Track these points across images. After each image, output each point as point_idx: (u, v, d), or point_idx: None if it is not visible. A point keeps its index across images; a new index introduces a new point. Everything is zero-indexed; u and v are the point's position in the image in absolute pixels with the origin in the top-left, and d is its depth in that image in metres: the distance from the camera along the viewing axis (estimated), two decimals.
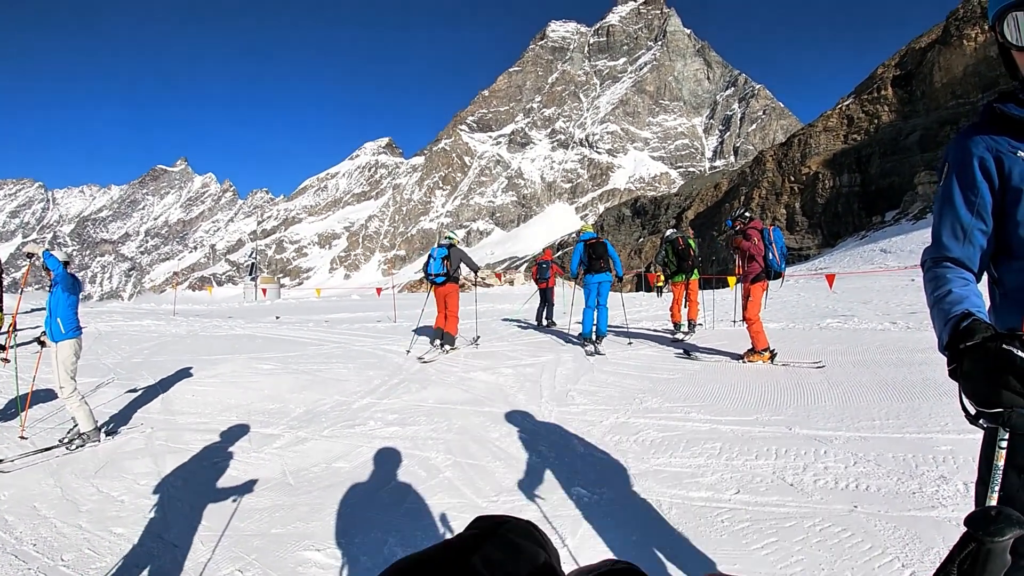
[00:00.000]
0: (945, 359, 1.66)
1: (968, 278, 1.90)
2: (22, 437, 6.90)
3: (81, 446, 6.61)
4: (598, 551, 4.01)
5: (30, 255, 7.12)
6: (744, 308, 9.84)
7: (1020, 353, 1.45)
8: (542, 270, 17.26)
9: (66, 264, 7.21)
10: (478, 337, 13.47)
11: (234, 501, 5.21)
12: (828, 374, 8.10)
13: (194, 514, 4.98)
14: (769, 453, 5.38)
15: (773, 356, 9.38)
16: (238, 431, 7.27)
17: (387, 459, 6.00)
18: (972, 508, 1.96)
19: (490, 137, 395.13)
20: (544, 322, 16.10)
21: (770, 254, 9.64)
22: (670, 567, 3.69)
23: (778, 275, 9.80)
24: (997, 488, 1.64)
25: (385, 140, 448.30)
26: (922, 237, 34.59)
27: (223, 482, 5.67)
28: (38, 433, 7.31)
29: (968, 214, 1.92)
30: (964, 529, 1.21)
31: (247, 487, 5.51)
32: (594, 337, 11.71)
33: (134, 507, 5.20)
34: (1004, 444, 1.63)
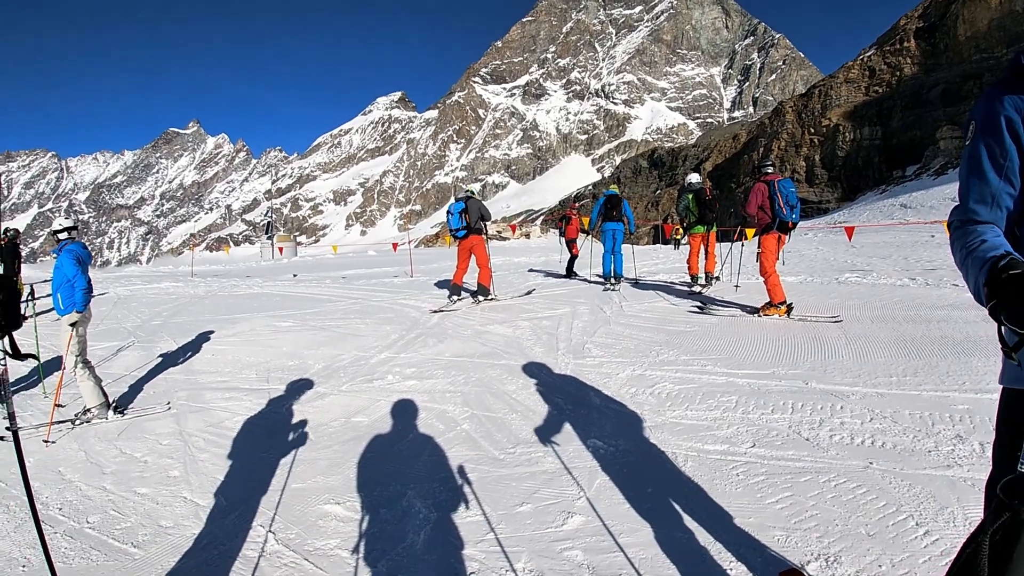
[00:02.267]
0: (982, 311, 1.62)
1: (999, 232, 1.84)
2: (58, 404, 6.94)
3: (87, 422, 6.57)
4: (614, 501, 4.06)
5: (54, 232, 7.11)
6: (758, 262, 9.80)
7: None
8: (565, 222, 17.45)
9: (73, 229, 7.15)
10: (532, 290, 13.69)
11: (254, 457, 5.30)
12: (845, 329, 8.06)
13: (216, 471, 5.08)
14: (785, 407, 5.39)
15: (790, 310, 9.35)
16: (257, 389, 7.38)
17: (405, 413, 6.08)
18: (989, 470, 1.93)
19: (504, 89, 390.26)
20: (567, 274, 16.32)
21: (776, 204, 9.47)
22: (686, 518, 3.74)
23: (788, 226, 9.58)
24: None
25: (398, 94, 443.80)
26: (943, 192, 34.12)
27: (243, 439, 5.78)
28: (67, 403, 7.37)
29: (996, 177, 1.85)
30: (993, 495, 1.13)
31: (267, 443, 5.61)
32: (612, 277, 13.74)
33: (157, 467, 5.30)
34: None
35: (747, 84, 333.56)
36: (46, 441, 6.07)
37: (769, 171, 9.96)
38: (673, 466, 4.49)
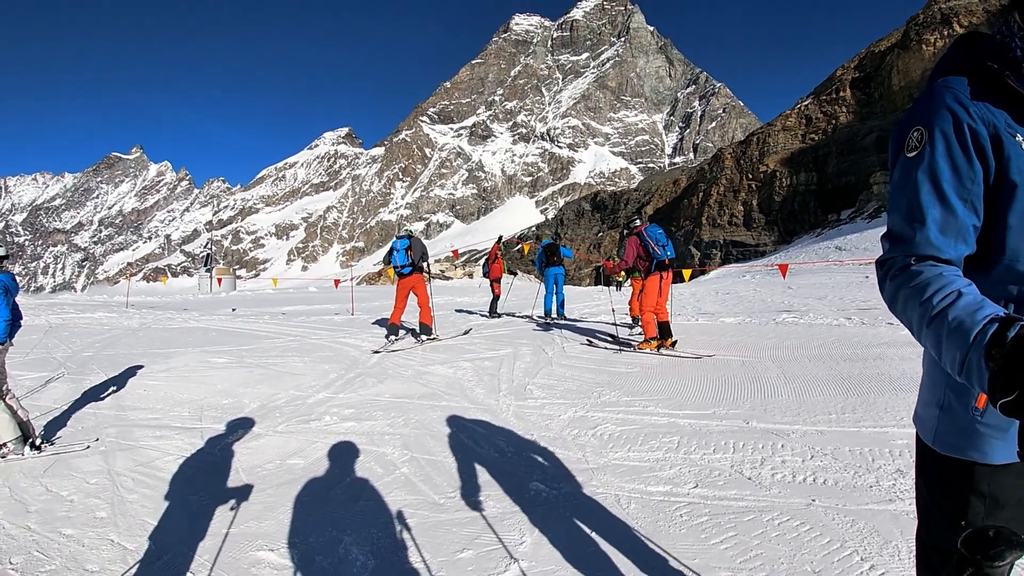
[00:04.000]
0: (957, 372, 1.25)
1: (968, 280, 1.42)
2: None
3: (2, 457, 6.20)
4: (557, 545, 3.98)
5: None
6: (639, 302, 10.79)
7: None
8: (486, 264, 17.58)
9: (4, 258, 6.81)
10: (470, 330, 13.69)
11: (186, 500, 5.08)
12: (784, 368, 8.16)
13: (145, 514, 4.84)
14: (727, 447, 5.39)
15: (660, 345, 10.18)
16: (190, 427, 7.11)
17: (343, 455, 5.91)
18: None
19: (451, 129, 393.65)
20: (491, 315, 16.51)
21: (650, 248, 10.43)
22: (629, 562, 3.67)
23: (665, 263, 10.52)
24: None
25: (345, 130, 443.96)
26: (876, 235, 35.19)
27: (174, 480, 5.53)
28: None
29: (961, 204, 1.49)
30: (925, 552, 1.06)
31: (199, 485, 5.38)
32: (554, 313, 15.31)
33: (83, 507, 5.03)
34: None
35: (688, 131, 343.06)
36: None
37: (637, 223, 10.94)
38: (616, 508, 4.43)
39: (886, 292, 1.59)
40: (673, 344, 10.21)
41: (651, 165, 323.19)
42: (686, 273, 18.62)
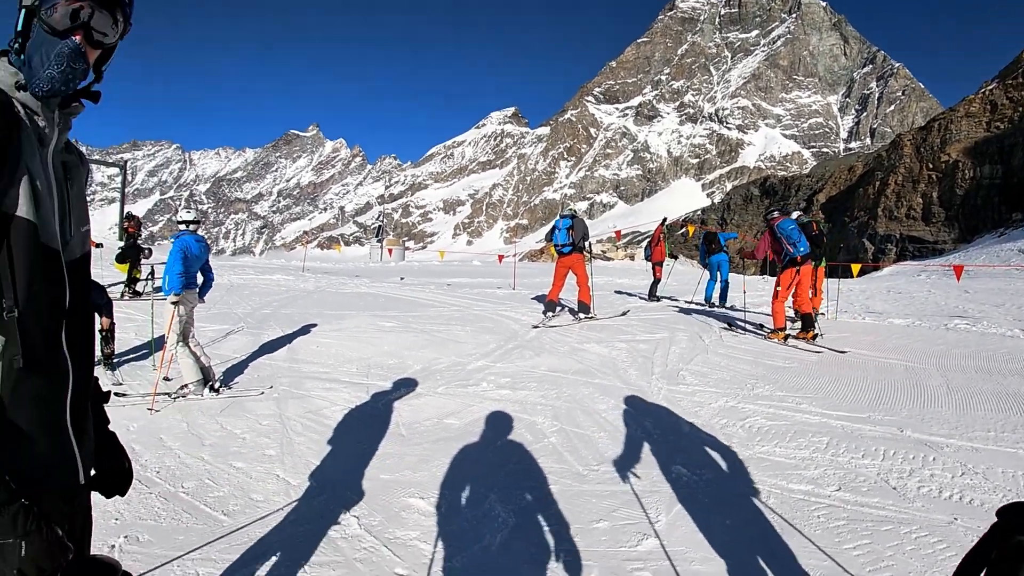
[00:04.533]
0: None
1: None
2: (166, 378, 7.50)
3: (183, 396, 6.99)
4: (691, 529, 4.10)
5: (182, 221, 7.66)
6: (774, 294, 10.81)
7: None
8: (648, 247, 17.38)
9: (193, 223, 7.63)
10: (627, 311, 13.71)
11: (348, 446, 5.61)
12: (949, 378, 7.76)
13: (310, 455, 5.40)
14: (876, 453, 5.29)
15: (786, 338, 10.42)
16: (357, 383, 7.73)
17: (496, 420, 6.27)
18: None
19: (616, 109, 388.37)
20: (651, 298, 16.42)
21: (783, 245, 10.66)
22: (760, 555, 3.75)
23: (796, 260, 10.58)
24: None
25: (511, 110, 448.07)
26: None
27: (339, 428, 6.09)
28: (173, 377, 7.86)
29: None
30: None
31: (361, 434, 5.90)
32: (715, 300, 15.48)
33: (254, 444, 5.67)
34: None
35: (864, 114, 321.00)
36: (151, 409, 6.55)
37: (774, 215, 10.98)
38: (755, 501, 4.49)
39: None
40: (814, 337, 10.30)
41: (825, 150, 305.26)
42: (855, 268, 17.80)
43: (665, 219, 18.61)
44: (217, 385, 7.31)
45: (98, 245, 15.22)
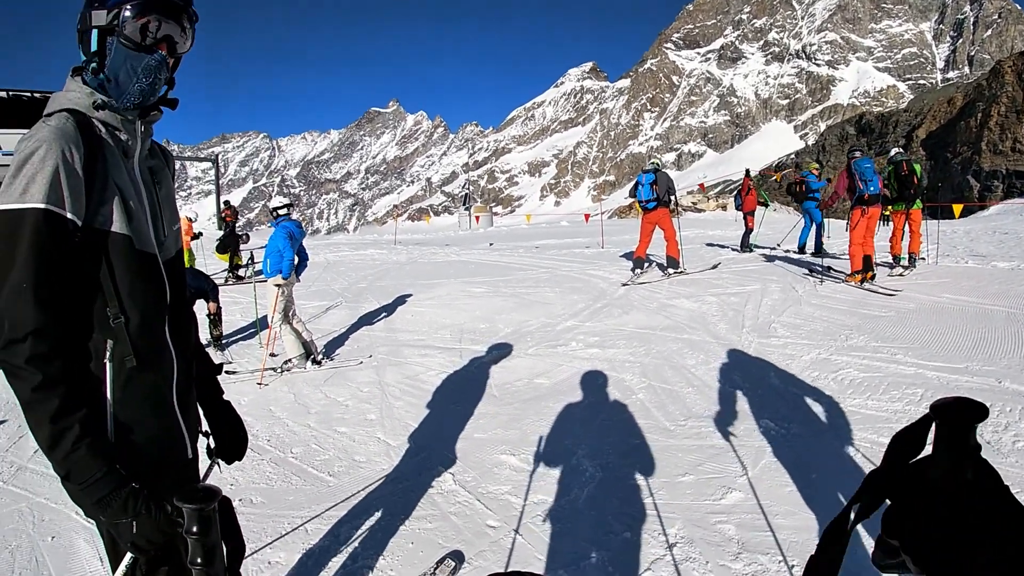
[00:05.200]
0: None
1: None
2: (272, 354, 7.87)
3: (288, 370, 7.38)
4: (776, 483, 4.09)
5: (272, 208, 8.05)
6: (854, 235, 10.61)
7: None
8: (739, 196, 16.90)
9: (288, 207, 8.06)
10: (718, 264, 13.47)
11: (443, 408, 5.79)
12: None
13: (408, 418, 5.63)
14: None
15: (863, 280, 10.21)
16: (450, 348, 7.93)
17: (585, 378, 6.32)
18: None
19: (698, 54, 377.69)
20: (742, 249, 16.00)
21: (855, 182, 10.55)
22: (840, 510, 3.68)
23: (864, 199, 10.45)
24: None
25: (589, 65, 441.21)
26: None
27: (435, 392, 6.29)
28: (279, 353, 8.28)
29: None
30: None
31: (455, 396, 6.08)
32: (810, 247, 14.81)
33: (356, 410, 5.93)
34: None
35: (960, 41, 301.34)
36: (259, 384, 6.94)
37: (856, 155, 10.91)
38: (843, 456, 4.41)
39: None
40: (872, 278, 10.27)
41: (922, 81, 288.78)
42: (956, 209, 16.97)
43: (748, 171, 17.99)
44: (320, 357, 7.67)
45: (197, 235, 15.85)
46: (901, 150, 12.53)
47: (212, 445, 2.11)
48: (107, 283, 1.61)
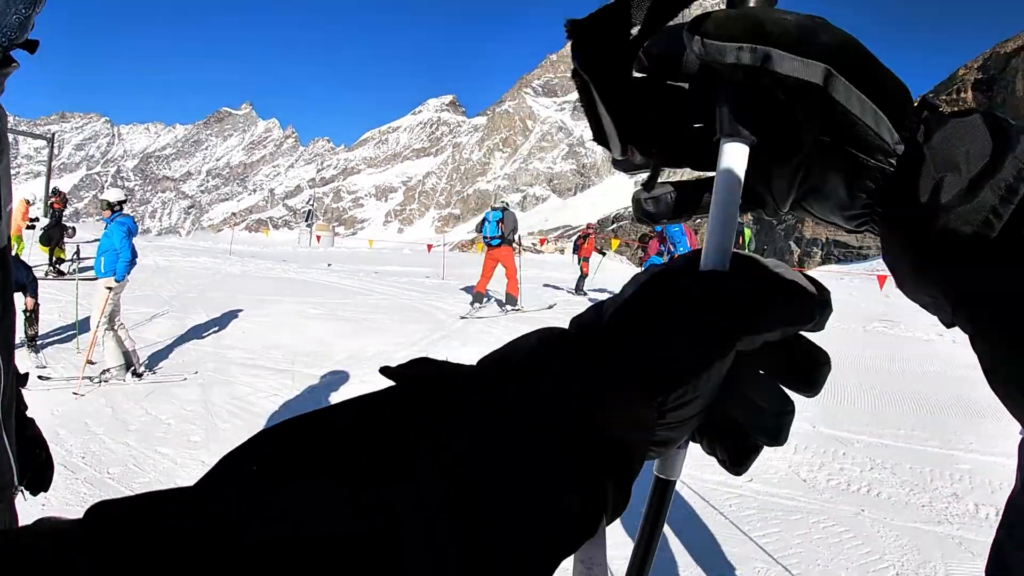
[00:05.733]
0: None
1: None
2: (90, 362, 7.25)
3: (105, 381, 6.87)
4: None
5: (108, 202, 7.45)
6: None
7: None
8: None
9: (122, 203, 7.52)
10: (554, 304, 13.92)
11: None
12: (863, 378, 8.09)
13: (236, 441, 5.21)
14: (789, 448, 5.46)
15: None
16: (283, 370, 7.63)
17: None
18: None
19: (555, 103, 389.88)
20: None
21: (667, 247, 12.19)
22: (671, 541, 3.85)
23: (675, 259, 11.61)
24: None
25: (449, 97, 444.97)
26: None
27: (264, 415, 6.03)
28: (98, 360, 7.70)
29: None
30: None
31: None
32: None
33: (179, 431, 5.58)
34: None
35: None
36: (76, 393, 6.39)
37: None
38: (680, 502, 4.58)
39: None
40: None
41: None
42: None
43: (590, 224, 18.86)
44: (141, 370, 7.18)
45: (33, 222, 14.49)
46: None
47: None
48: None
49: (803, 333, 0.44)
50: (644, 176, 0.53)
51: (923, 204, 0.42)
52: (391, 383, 0.38)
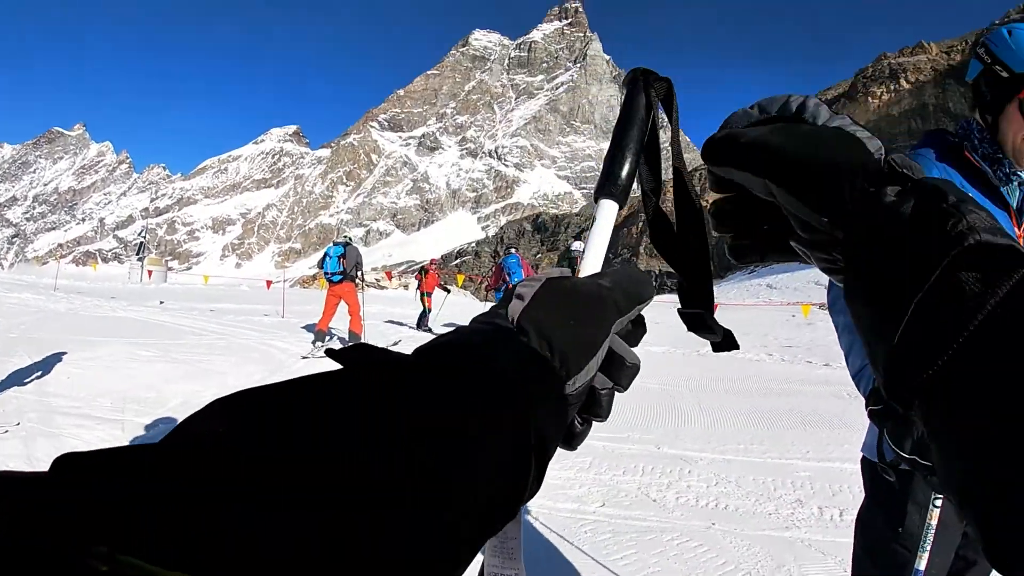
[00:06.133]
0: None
1: None
2: None
3: None
4: None
5: None
6: None
7: None
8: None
9: None
10: (399, 341, 13.72)
11: None
12: (700, 398, 8.46)
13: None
14: (636, 470, 5.60)
15: None
16: (112, 419, 7.06)
17: None
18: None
19: (400, 137, 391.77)
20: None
21: (503, 276, 12.82)
22: (528, 572, 3.79)
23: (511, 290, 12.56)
24: (929, 547, 1.70)
25: (293, 128, 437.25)
26: (806, 276, 36.39)
27: None
28: None
29: None
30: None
31: None
32: None
33: None
34: (939, 503, 1.69)
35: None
36: None
37: (510, 250, 12.97)
38: (523, 523, 4.53)
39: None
40: None
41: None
42: None
43: (433, 260, 18.86)
44: None
45: None
46: (581, 245, 13.81)
47: None
48: None
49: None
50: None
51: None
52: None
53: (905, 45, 66.26)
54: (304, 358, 11.14)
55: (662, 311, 21.77)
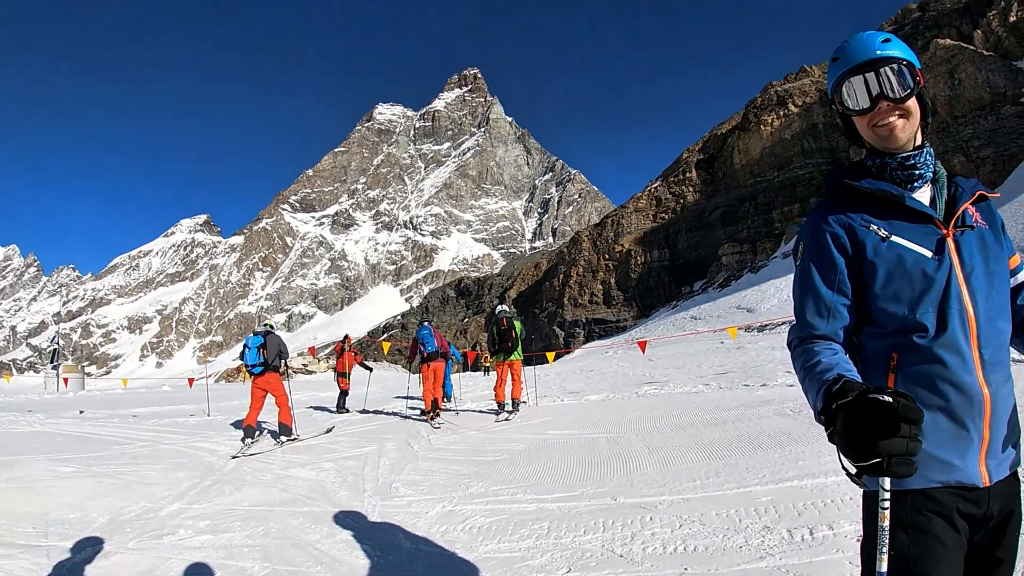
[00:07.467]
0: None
1: (836, 349, 1.95)
2: None
3: None
4: None
5: None
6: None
7: (885, 399, 1.51)
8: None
9: None
10: (332, 428, 13.18)
11: None
12: (648, 440, 8.38)
13: None
14: (596, 527, 5.42)
15: (433, 417, 12.70)
16: (35, 545, 6.51)
17: (198, 574, 5.53)
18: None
19: (313, 217, 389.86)
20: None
21: (419, 347, 13.60)
22: None
23: (426, 357, 13.47)
24: (886, 548, 1.68)
25: (203, 217, 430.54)
26: (728, 302, 37.31)
27: None
28: None
29: (829, 291, 1.99)
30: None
31: None
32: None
33: None
34: (886, 504, 1.67)
35: (546, 216, 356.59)
36: None
37: (423, 322, 13.97)
38: None
39: (794, 367, 2.05)
40: (432, 418, 12.70)
41: (512, 250, 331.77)
42: (550, 356, 19.06)
43: (346, 336, 18.46)
44: None
45: None
46: (505, 307, 13.75)
47: None
48: None
49: None
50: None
51: None
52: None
53: (789, 72, 69.58)
54: (234, 457, 10.60)
55: (595, 360, 21.94)
